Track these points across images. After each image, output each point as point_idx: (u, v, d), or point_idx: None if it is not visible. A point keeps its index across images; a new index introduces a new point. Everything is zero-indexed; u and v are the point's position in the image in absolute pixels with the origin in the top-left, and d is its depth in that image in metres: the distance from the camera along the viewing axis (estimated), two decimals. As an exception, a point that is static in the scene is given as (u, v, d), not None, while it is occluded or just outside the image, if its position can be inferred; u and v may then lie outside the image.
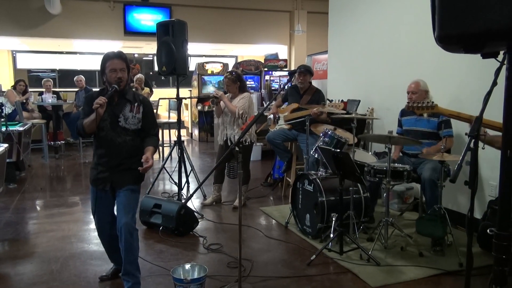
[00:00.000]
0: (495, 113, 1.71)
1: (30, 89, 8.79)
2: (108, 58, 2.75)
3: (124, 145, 2.77)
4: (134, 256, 2.73)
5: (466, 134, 1.97)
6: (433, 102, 2.62)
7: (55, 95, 8.42)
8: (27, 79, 10.17)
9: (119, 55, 2.77)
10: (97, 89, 3.02)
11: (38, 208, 4.90)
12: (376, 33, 5.34)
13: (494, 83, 1.56)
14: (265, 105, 7.88)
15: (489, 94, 1.61)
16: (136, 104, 2.82)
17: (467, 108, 3.03)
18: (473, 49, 1.34)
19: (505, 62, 1.33)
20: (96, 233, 3.91)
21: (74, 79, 8.85)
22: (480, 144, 1.81)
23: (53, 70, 11.43)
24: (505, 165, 1.36)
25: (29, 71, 11.14)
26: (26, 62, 11.22)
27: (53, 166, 7.26)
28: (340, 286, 2.95)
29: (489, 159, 3.74)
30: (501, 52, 1.38)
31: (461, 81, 4.09)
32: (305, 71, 5.03)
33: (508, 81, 1.32)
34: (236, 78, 4.72)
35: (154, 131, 2.92)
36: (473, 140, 1.59)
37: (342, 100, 4.87)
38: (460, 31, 1.27)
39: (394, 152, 4.05)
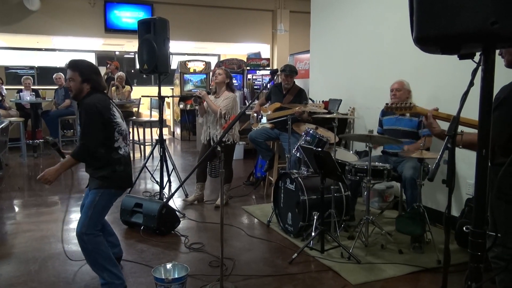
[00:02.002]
0: (474, 113, 1.75)
1: (8, 87, 8.60)
2: None
3: None
4: (91, 259, 2.71)
5: (444, 134, 2.01)
6: (411, 103, 2.66)
7: (33, 93, 8.26)
8: (5, 76, 9.95)
9: (68, 65, 2.76)
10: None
11: (15, 208, 4.80)
12: (358, 33, 5.40)
13: (471, 84, 1.59)
14: (247, 104, 7.89)
15: (466, 94, 1.64)
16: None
17: (445, 107, 3.08)
18: (449, 50, 1.37)
19: (481, 63, 1.35)
20: (75, 233, 3.88)
21: (53, 76, 8.69)
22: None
23: (31, 67, 11.20)
24: (480, 164, 1.39)
25: (6, 68, 10.90)
26: (4, 59, 10.97)
27: (32, 165, 7.12)
28: (321, 284, 2.98)
29: (467, 158, 3.81)
30: (478, 53, 1.41)
31: (440, 81, 4.16)
32: (291, 72, 5.06)
33: (484, 81, 1.35)
34: (229, 74, 4.76)
35: (83, 139, 2.67)
36: (450, 140, 1.62)
37: (322, 101, 4.91)
38: (437, 33, 1.29)
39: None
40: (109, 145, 2.76)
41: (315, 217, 3.58)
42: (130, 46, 11.12)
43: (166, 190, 5.02)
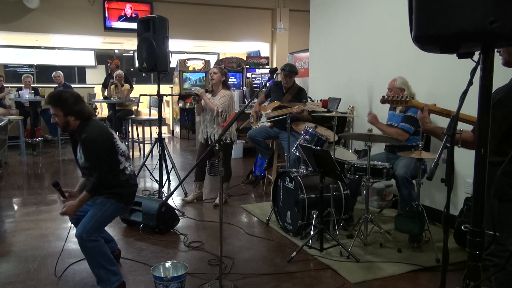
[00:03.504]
0: (473, 112, 1.77)
1: (7, 85, 8.59)
2: None
3: (88, 181, 2.84)
4: (89, 257, 2.73)
5: (442, 132, 2.01)
6: (407, 97, 2.65)
7: (33, 91, 8.26)
8: (4, 75, 9.92)
9: (48, 100, 2.73)
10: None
11: (15, 206, 4.80)
12: (357, 32, 5.39)
13: (470, 83, 1.59)
14: (247, 102, 7.89)
15: (465, 93, 1.64)
16: (79, 144, 2.78)
17: (443, 104, 3.09)
18: (448, 49, 1.37)
19: (480, 63, 1.35)
20: (74, 232, 3.89)
21: (52, 75, 8.68)
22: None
23: (30, 66, 11.19)
24: (478, 163, 1.39)
25: (5, 66, 10.88)
26: (3, 57, 10.96)
27: (31, 164, 7.12)
28: (320, 283, 2.98)
29: (466, 157, 3.80)
30: (477, 52, 1.41)
31: (437, 78, 4.16)
32: (290, 73, 5.05)
33: (483, 80, 1.35)
34: (223, 71, 4.74)
35: (95, 173, 2.72)
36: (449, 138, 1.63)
37: (321, 100, 4.90)
38: (436, 32, 1.30)
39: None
40: (115, 169, 2.82)
41: (314, 216, 3.58)
42: (129, 44, 11.11)
43: (165, 189, 5.02)
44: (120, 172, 2.84)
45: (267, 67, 9.86)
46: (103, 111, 9.68)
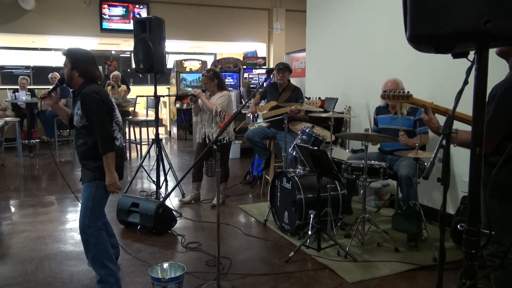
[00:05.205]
0: (469, 112, 1.78)
1: (3, 86, 8.56)
2: None
3: (78, 145, 2.79)
4: (92, 254, 2.72)
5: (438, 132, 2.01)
6: (408, 92, 2.62)
7: (29, 93, 8.23)
8: (0, 76, 9.90)
9: (64, 51, 2.83)
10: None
11: (12, 208, 4.79)
12: (354, 31, 5.40)
13: (465, 82, 1.60)
14: (243, 103, 7.89)
15: (460, 93, 1.65)
16: (78, 99, 2.73)
17: (442, 104, 3.10)
18: (443, 49, 1.37)
19: (475, 62, 1.36)
20: (71, 233, 3.89)
21: (49, 76, 8.66)
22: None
23: (27, 67, 11.16)
24: (474, 162, 1.40)
25: (2, 67, 10.85)
26: (-1, 59, 10.94)
27: (28, 165, 7.10)
28: (318, 283, 2.98)
29: (462, 156, 3.83)
30: (472, 52, 1.41)
31: (436, 79, 4.17)
32: (284, 68, 5.07)
33: (477, 80, 1.36)
34: (214, 76, 4.69)
35: (100, 132, 2.64)
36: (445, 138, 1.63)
37: (319, 98, 4.89)
38: (430, 32, 1.30)
39: None
40: None
41: (311, 216, 3.59)
42: (126, 45, 11.10)
43: (162, 190, 5.02)
44: None
45: (264, 67, 9.86)
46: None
